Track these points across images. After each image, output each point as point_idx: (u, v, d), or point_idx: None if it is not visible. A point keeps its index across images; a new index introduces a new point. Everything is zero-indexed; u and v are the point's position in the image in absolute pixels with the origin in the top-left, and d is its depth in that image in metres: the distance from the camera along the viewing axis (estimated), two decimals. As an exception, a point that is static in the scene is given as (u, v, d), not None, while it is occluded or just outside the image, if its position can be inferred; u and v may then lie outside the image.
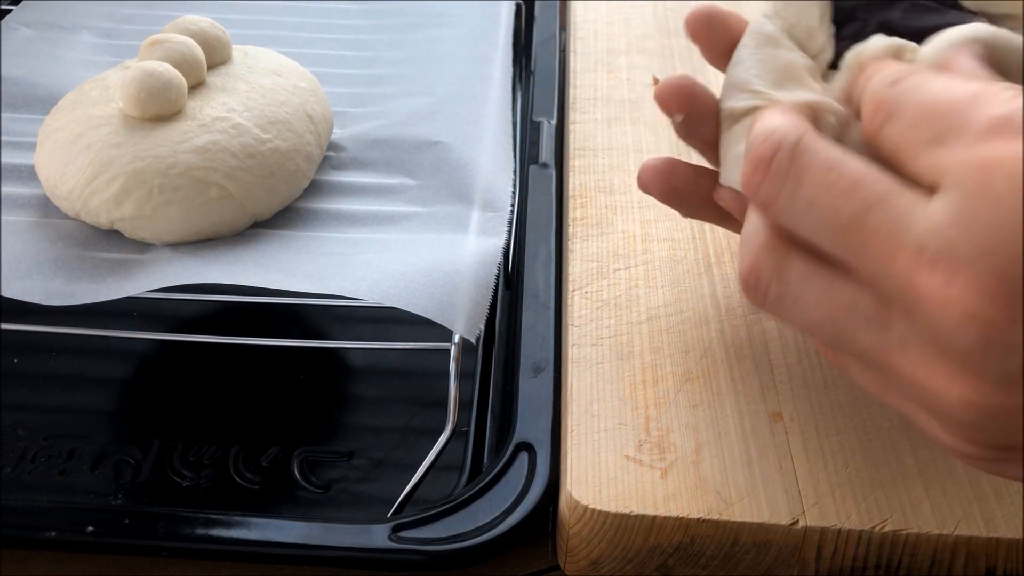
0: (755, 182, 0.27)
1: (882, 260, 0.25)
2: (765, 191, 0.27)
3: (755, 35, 0.35)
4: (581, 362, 0.38)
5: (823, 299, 0.27)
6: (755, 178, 0.27)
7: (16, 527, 0.33)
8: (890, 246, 0.24)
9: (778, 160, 0.27)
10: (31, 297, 0.37)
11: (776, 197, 0.27)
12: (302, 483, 0.38)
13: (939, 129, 0.25)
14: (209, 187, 0.40)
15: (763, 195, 0.27)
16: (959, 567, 0.32)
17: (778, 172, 0.27)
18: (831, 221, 0.26)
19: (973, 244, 0.23)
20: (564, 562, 0.34)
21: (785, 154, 0.27)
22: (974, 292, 0.23)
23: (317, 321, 0.46)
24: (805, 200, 0.26)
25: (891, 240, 0.24)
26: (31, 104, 0.50)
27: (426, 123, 0.49)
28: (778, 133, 0.27)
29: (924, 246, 0.24)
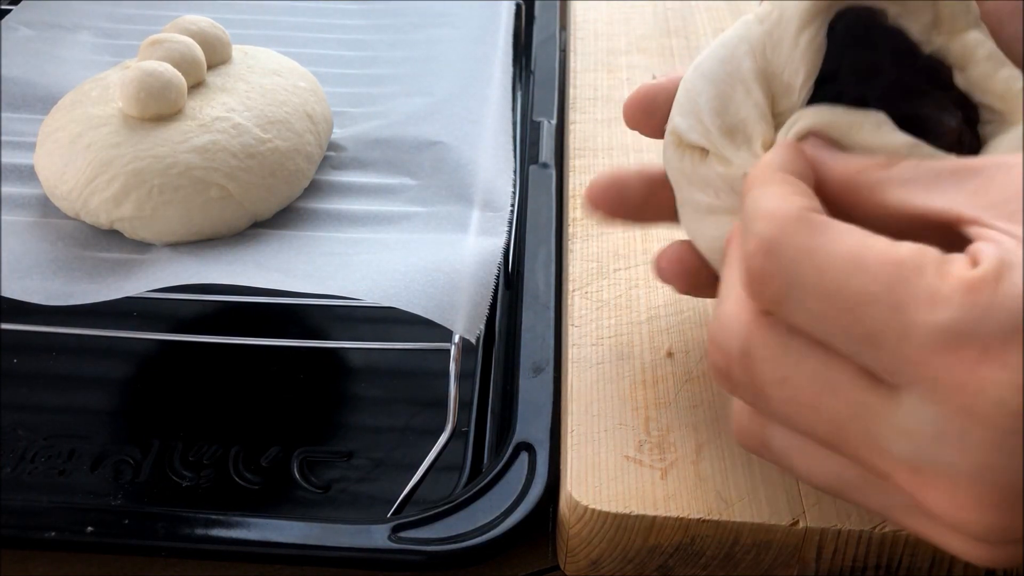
0: (724, 387, 0.27)
1: (878, 472, 0.24)
2: (739, 395, 0.27)
3: (730, 61, 0.31)
4: (581, 362, 0.38)
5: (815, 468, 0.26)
6: (724, 385, 0.27)
7: (16, 527, 0.33)
8: (880, 462, 0.24)
9: (736, 375, 0.26)
10: (31, 297, 0.37)
11: (752, 403, 0.27)
12: (302, 483, 0.38)
13: (867, 330, 0.23)
14: (209, 187, 0.40)
15: (738, 396, 0.27)
16: (959, 567, 0.32)
17: (740, 385, 0.26)
18: (810, 433, 0.25)
19: (971, 462, 0.22)
20: (564, 562, 0.34)
21: (739, 369, 0.26)
22: (987, 507, 0.23)
23: (317, 321, 0.46)
24: (778, 414, 0.26)
25: (879, 456, 0.24)
26: (31, 104, 0.50)
27: (426, 123, 0.49)
28: (722, 338, 0.26)
29: (919, 468, 0.23)
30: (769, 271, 0.25)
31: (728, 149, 0.31)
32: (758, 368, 0.25)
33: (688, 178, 0.33)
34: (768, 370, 0.25)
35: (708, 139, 0.31)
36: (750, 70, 0.31)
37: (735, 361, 0.26)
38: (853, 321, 0.23)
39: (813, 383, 0.25)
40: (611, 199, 0.35)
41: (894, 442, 0.23)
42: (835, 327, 0.24)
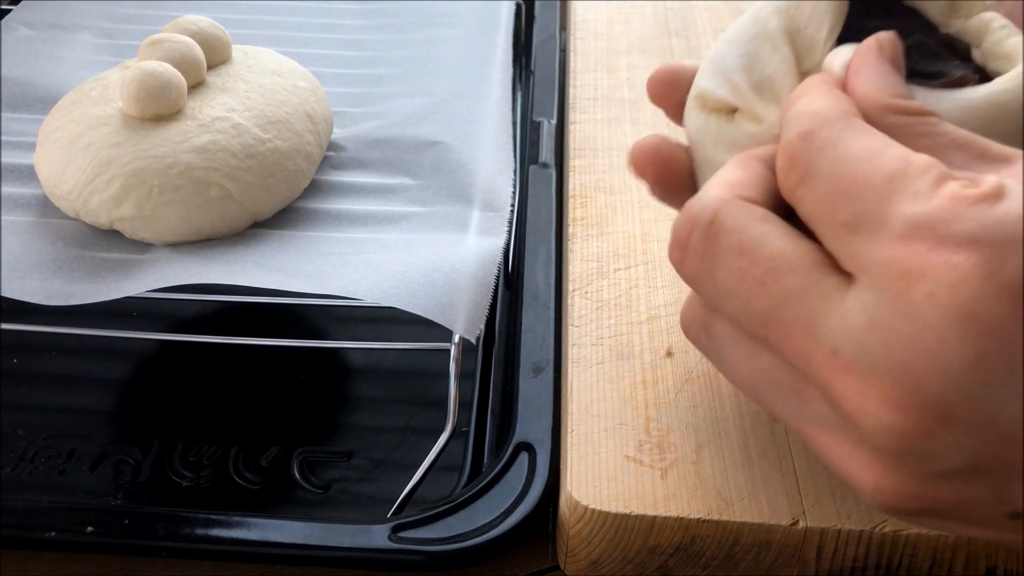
0: (675, 259, 0.27)
1: (799, 355, 0.25)
2: (685, 271, 0.27)
3: (756, 22, 0.32)
4: (581, 362, 0.38)
5: (744, 362, 0.27)
6: (674, 255, 0.27)
7: (16, 527, 0.33)
8: (805, 344, 0.24)
9: (693, 242, 0.27)
10: (31, 297, 0.37)
11: (695, 278, 0.27)
12: (302, 483, 0.38)
13: (854, 213, 0.24)
14: (209, 187, 0.40)
15: (684, 274, 0.27)
16: (959, 567, 0.32)
17: (694, 254, 0.27)
18: (745, 311, 0.26)
19: (888, 355, 0.23)
20: (564, 562, 0.34)
21: (699, 236, 0.26)
22: (890, 404, 0.23)
23: (317, 321, 0.46)
24: (721, 287, 0.26)
25: (806, 338, 0.24)
26: (31, 104, 0.50)
27: (426, 123, 0.49)
28: (695, 207, 0.27)
29: (838, 349, 0.23)
30: (796, 155, 0.26)
31: (759, 105, 0.31)
32: (720, 237, 0.26)
33: (715, 139, 0.32)
34: (729, 240, 0.26)
35: (738, 96, 0.32)
36: (776, 27, 0.31)
37: (700, 227, 0.26)
38: (846, 204, 0.24)
39: (771, 258, 0.25)
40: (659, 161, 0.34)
41: (828, 327, 0.24)
42: (829, 210, 0.25)
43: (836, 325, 0.24)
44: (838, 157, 0.25)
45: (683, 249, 0.27)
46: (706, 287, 0.27)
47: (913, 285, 0.22)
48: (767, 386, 0.27)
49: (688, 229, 0.27)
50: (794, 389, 0.26)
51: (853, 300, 0.24)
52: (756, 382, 0.27)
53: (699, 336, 0.29)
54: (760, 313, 0.25)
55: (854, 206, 0.24)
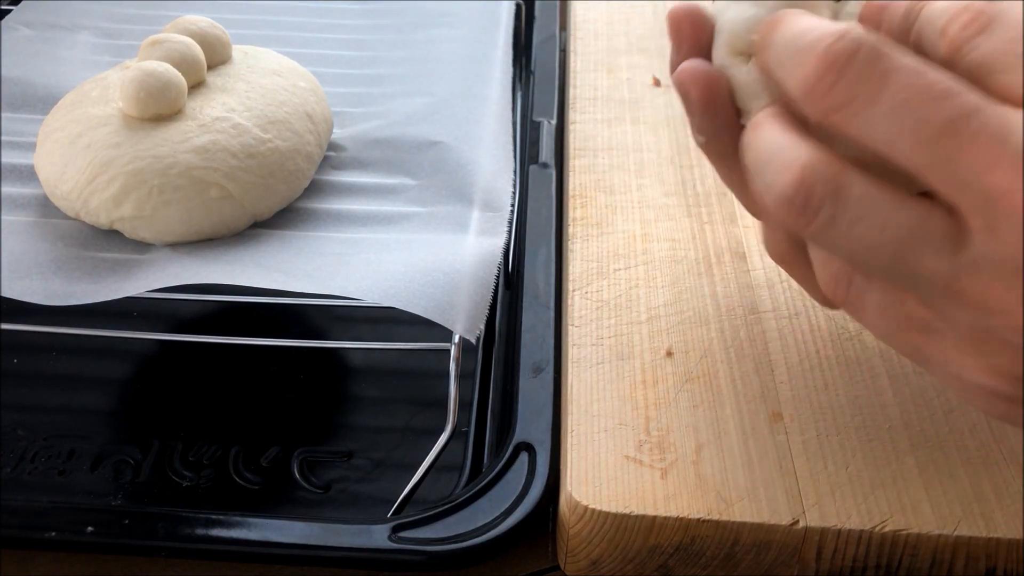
0: (826, 83, 0.25)
1: (977, 169, 0.23)
2: (839, 93, 0.25)
3: None
4: (581, 362, 0.38)
5: (888, 219, 0.25)
6: (827, 78, 0.25)
7: (16, 527, 0.33)
8: (990, 155, 0.23)
9: (861, 59, 0.25)
10: (31, 297, 0.37)
11: (851, 100, 0.25)
12: (302, 483, 0.38)
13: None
14: (209, 187, 0.40)
15: (835, 98, 0.25)
16: (959, 567, 0.32)
17: (860, 72, 0.25)
18: (920, 126, 0.24)
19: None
20: (564, 562, 0.34)
21: (868, 53, 0.25)
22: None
23: (317, 321, 0.46)
24: (891, 103, 0.24)
25: (991, 149, 0.23)
26: (31, 104, 0.50)
27: (426, 123, 0.49)
28: (853, 32, 0.25)
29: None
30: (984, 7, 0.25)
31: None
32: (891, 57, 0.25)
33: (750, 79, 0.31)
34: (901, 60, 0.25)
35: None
36: None
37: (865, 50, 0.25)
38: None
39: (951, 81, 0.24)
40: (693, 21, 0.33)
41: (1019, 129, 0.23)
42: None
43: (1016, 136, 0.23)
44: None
45: (840, 69, 0.25)
46: (861, 109, 0.25)
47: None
48: (917, 240, 0.25)
49: (852, 47, 0.25)
50: (948, 236, 0.25)
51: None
52: (903, 239, 0.25)
53: (824, 202, 0.26)
54: (938, 125, 0.24)
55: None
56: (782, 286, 0.41)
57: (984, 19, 0.25)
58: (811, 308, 0.40)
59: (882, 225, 0.25)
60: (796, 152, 0.26)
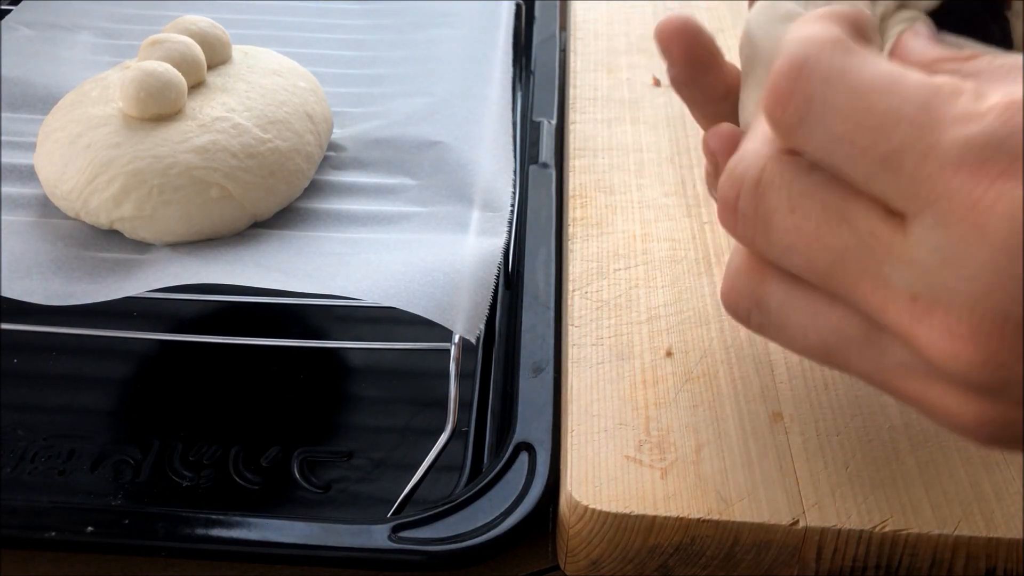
0: (726, 223, 0.27)
1: (872, 307, 0.24)
2: (739, 233, 0.26)
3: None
4: (581, 362, 0.38)
5: (809, 325, 0.26)
6: (726, 219, 0.26)
7: (16, 527, 0.33)
8: (878, 295, 0.24)
9: (742, 204, 0.26)
10: (31, 297, 0.37)
11: (751, 239, 0.26)
12: (302, 483, 0.38)
13: (890, 149, 0.23)
14: (209, 187, 0.40)
15: (738, 236, 0.26)
16: (959, 567, 0.32)
17: (745, 216, 0.26)
18: (809, 268, 0.25)
19: (972, 288, 0.22)
20: (564, 562, 0.34)
21: (747, 198, 0.26)
22: (982, 338, 0.22)
23: (317, 321, 0.46)
24: (779, 247, 0.25)
25: (878, 289, 0.23)
26: (31, 104, 0.50)
27: (426, 123, 0.49)
28: (739, 169, 0.26)
29: (917, 295, 0.23)
30: (792, 90, 0.24)
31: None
32: (769, 196, 0.25)
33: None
34: (778, 198, 0.25)
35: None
36: None
37: (747, 190, 0.26)
38: (877, 141, 0.23)
39: (824, 211, 0.24)
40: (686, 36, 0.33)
41: (897, 271, 0.23)
42: (856, 148, 0.23)
43: (906, 270, 0.23)
44: (852, 89, 0.23)
45: (733, 212, 0.26)
46: (763, 247, 0.26)
47: (988, 214, 0.21)
48: (840, 345, 0.26)
49: (735, 192, 0.26)
50: (870, 341, 0.25)
51: (918, 240, 0.23)
52: (827, 343, 0.26)
53: (750, 312, 0.27)
54: (824, 268, 0.24)
55: (889, 142, 0.23)
56: (782, 286, 0.41)
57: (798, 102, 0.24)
58: (811, 308, 0.40)
59: (803, 330, 0.26)
60: (731, 263, 0.28)
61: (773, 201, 0.25)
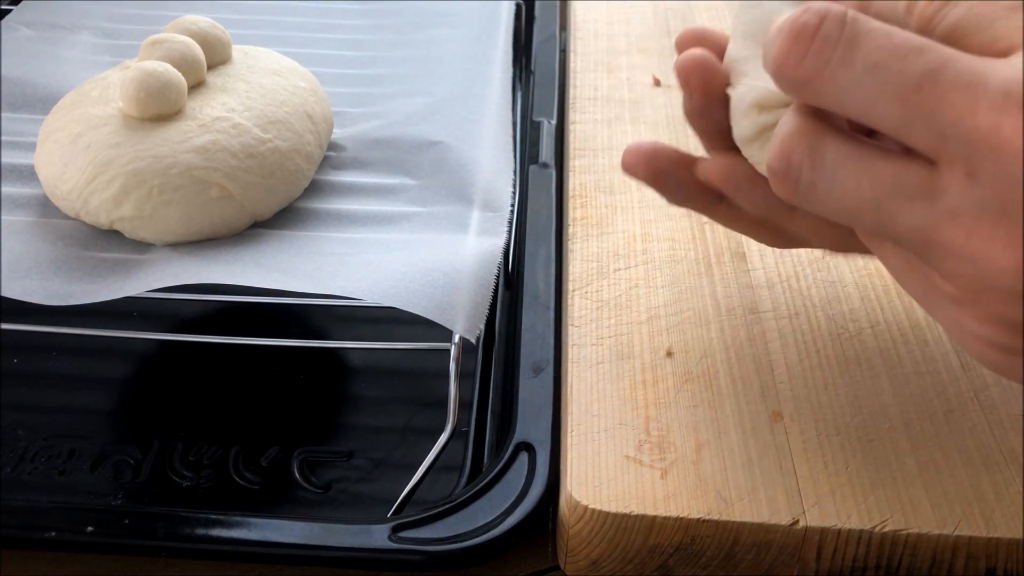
0: (797, 54, 0.25)
1: (957, 116, 0.24)
2: (810, 63, 0.25)
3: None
4: (581, 362, 0.38)
5: (863, 179, 0.26)
6: (797, 49, 0.25)
7: (16, 527, 0.33)
8: (968, 100, 0.23)
9: (827, 26, 0.25)
10: (31, 297, 0.37)
11: (823, 68, 0.25)
12: (302, 483, 0.38)
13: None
14: (209, 187, 0.40)
15: (807, 68, 0.25)
16: (959, 567, 0.32)
17: (828, 39, 0.25)
18: (896, 83, 0.24)
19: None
20: (564, 562, 0.34)
21: (835, 20, 0.25)
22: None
23: (317, 321, 0.46)
24: (864, 65, 0.25)
25: (969, 93, 0.23)
26: (31, 104, 0.50)
27: (426, 123, 0.49)
28: (819, 4, 0.26)
29: (1010, 92, 0.23)
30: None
31: None
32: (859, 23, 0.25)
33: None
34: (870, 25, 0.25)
35: None
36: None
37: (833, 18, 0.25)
38: None
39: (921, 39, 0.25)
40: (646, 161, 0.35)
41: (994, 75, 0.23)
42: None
43: (1004, 74, 0.23)
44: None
45: (808, 39, 0.25)
46: (835, 74, 0.25)
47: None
48: (890, 198, 0.26)
49: (818, 18, 0.25)
50: (924, 188, 0.25)
51: (1018, 56, 0.23)
52: (879, 195, 0.26)
53: (801, 171, 0.27)
54: (914, 79, 0.24)
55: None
56: (782, 286, 0.41)
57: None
58: (811, 308, 0.40)
59: (857, 183, 0.26)
60: (782, 126, 0.27)
61: (864, 26, 0.25)
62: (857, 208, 0.26)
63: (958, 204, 0.24)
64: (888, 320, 0.39)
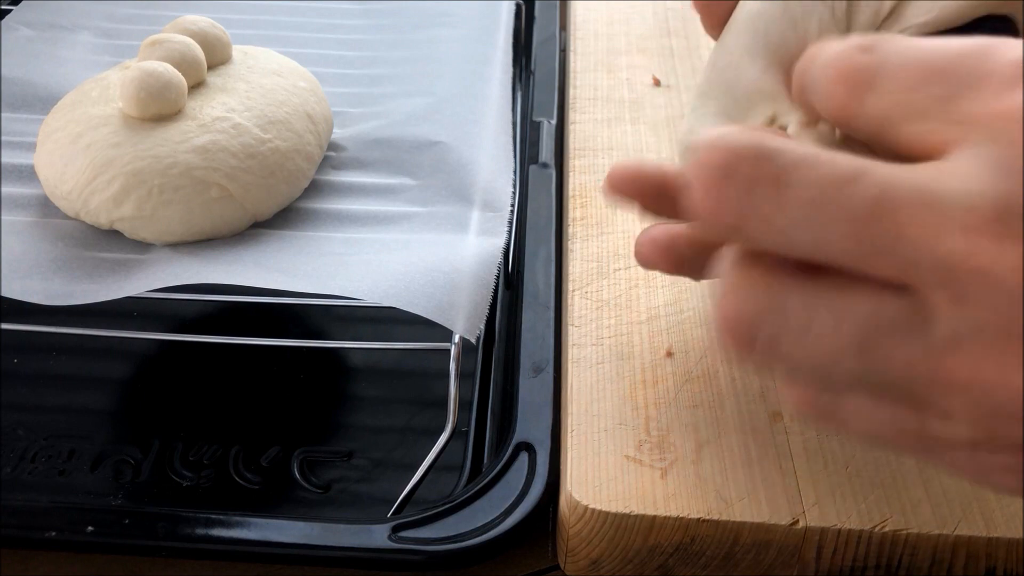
0: (713, 199, 0.22)
1: (923, 244, 0.21)
2: (731, 208, 0.22)
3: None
4: (581, 362, 0.38)
5: (841, 315, 0.22)
6: (712, 195, 0.22)
7: (16, 527, 0.33)
8: (931, 221, 0.21)
9: (743, 166, 0.22)
10: (31, 297, 0.37)
11: (750, 213, 0.22)
12: (302, 483, 0.38)
13: (949, 87, 0.22)
14: (209, 187, 0.40)
15: (730, 214, 0.22)
16: (959, 567, 0.32)
17: (747, 182, 0.22)
18: (844, 217, 0.21)
19: None
20: (564, 562, 0.34)
21: (746, 159, 0.22)
22: None
23: (317, 321, 0.46)
24: (799, 203, 0.21)
25: (931, 213, 0.21)
26: (31, 104, 0.50)
27: (426, 123, 0.49)
28: (728, 137, 0.22)
29: (973, 207, 0.20)
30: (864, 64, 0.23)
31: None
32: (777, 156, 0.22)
33: None
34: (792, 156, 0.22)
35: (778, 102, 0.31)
36: None
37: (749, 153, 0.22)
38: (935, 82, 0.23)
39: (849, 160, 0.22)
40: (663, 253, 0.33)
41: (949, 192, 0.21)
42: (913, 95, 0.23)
43: (960, 189, 0.21)
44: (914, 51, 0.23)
45: (720, 182, 0.22)
46: (767, 219, 0.22)
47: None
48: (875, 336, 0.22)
49: (724, 156, 0.22)
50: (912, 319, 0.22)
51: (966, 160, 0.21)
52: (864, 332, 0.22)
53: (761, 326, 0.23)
54: (864, 212, 0.21)
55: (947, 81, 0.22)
56: (782, 286, 0.41)
57: (864, 77, 0.23)
58: (811, 308, 0.40)
59: (834, 327, 0.22)
60: (722, 276, 0.24)
61: (785, 159, 0.22)
62: (836, 355, 0.22)
63: (953, 331, 0.21)
64: (888, 320, 0.39)
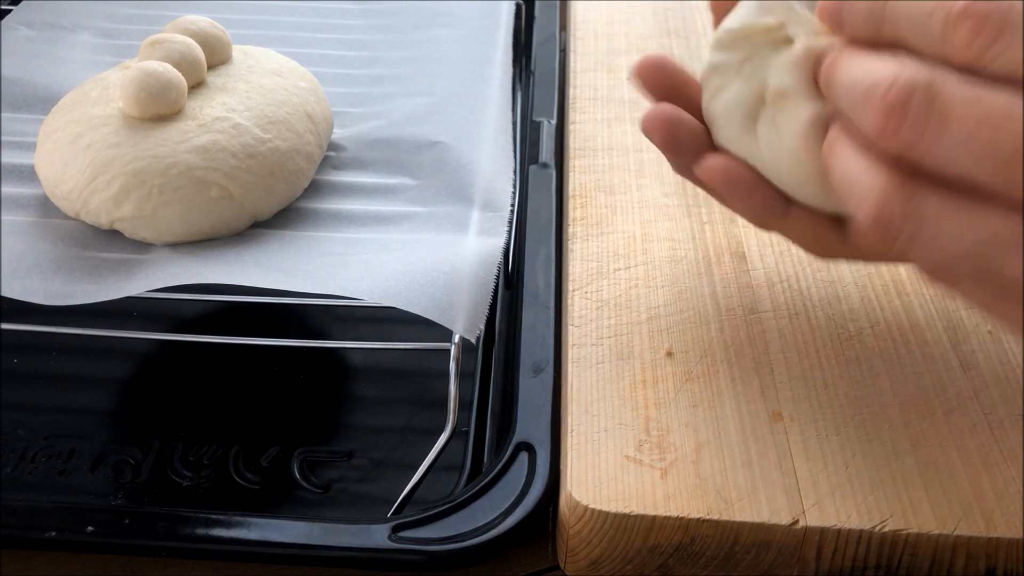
0: (891, 128, 0.27)
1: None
2: (906, 136, 0.26)
3: None
4: (581, 362, 0.38)
5: (966, 228, 0.26)
6: (891, 124, 0.27)
7: (16, 527, 0.33)
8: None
9: (917, 101, 0.26)
10: (31, 297, 0.37)
11: (919, 140, 0.26)
12: (302, 483, 0.38)
13: None
14: (209, 187, 0.40)
15: (904, 139, 0.27)
16: (959, 567, 0.32)
17: (920, 114, 0.26)
18: (993, 154, 0.25)
19: None
20: (564, 562, 0.34)
21: (922, 94, 0.26)
22: None
23: (317, 321, 0.46)
24: (958, 137, 0.26)
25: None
26: (31, 104, 0.50)
27: (426, 123, 0.49)
28: (906, 74, 0.26)
29: None
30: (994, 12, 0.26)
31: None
32: (948, 91, 0.26)
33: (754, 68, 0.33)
34: (959, 92, 0.26)
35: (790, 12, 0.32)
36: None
37: (920, 89, 0.26)
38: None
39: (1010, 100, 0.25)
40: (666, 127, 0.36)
41: None
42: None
43: None
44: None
45: (900, 117, 0.26)
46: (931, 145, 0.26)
47: None
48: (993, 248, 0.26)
49: (905, 93, 0.26)
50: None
51: None
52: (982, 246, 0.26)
53: (903, 227, 0.28)
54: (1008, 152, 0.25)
55: None
56: (782, 286, 0.41)
57: (994, 24, 0.26)
58: (811, 308, 0.40)
59: (958, 237, 0.27)
60: (871, 180, 0.28)
61: (950, 97, 0.26)
62: (959, 258, 0.27)
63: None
64: (888, 320, 0.39)
